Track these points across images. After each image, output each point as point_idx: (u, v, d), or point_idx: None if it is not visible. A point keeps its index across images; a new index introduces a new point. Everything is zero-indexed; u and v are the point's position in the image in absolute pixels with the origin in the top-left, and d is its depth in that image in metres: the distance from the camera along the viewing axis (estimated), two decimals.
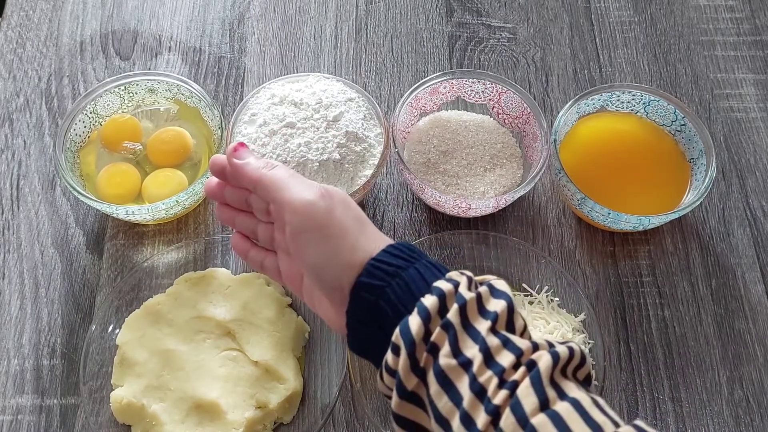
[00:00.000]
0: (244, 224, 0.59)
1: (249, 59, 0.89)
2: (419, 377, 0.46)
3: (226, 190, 0.58)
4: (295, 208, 0.50)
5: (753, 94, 0.88)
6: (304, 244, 0.50)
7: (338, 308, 0.51)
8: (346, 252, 0.50)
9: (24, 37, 0.90)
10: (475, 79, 0.80)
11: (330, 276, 0.50)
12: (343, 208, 0.51)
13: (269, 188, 0.52)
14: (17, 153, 0.82)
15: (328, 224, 0.50)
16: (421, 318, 0.46)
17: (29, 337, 0.73)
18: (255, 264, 0.59)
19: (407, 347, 0.45)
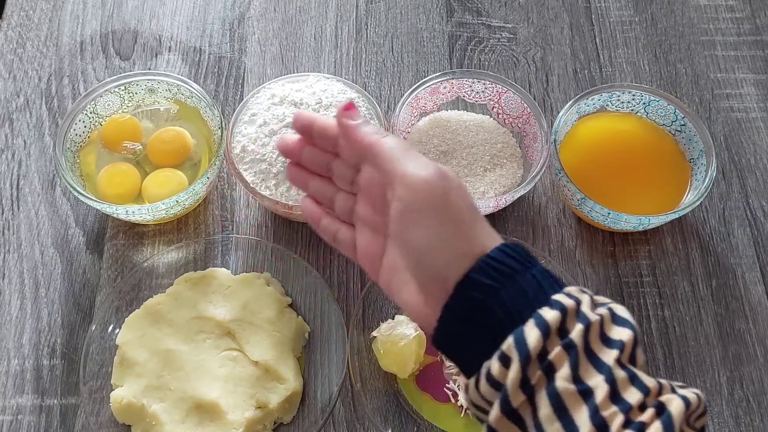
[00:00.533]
0: (320, 190, 0.54)
1: (249, 59, 0.89)
2: (527, 396, 0.42)
3: (306, 149, 0.54)
4: (410, 183, 0.46)
5: (753, 94, 0.88)
6: (413, 224, 0.46)
7: (431, 298, 0.46)
8: (460, 241, 0.45)
9: (24, 37, 0.90)
10: (475, 79, 0.80)
11: (436, 263, 0.45)
12: (460, 194, 0.46)
13: (382, 156, 0.47)
14: (17, 153, 0.82)
15: (444, 207, 0.45)
16: (540, 331, 0.42)
17: (29, 337, 0.73)
18: (327, 234, 0.54)
19: (521, 360, 0.41)
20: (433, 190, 0.46)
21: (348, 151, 0.51)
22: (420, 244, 0.46)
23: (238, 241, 0.76)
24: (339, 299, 0.75)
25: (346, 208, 0.53)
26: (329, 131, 0.52)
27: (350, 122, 0.49)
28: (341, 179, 0.53)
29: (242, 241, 0.76)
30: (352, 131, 0.49)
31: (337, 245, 0.54)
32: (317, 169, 0.54)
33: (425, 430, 0.68)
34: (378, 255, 0.50)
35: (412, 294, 0.47)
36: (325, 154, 0.53)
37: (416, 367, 0.70)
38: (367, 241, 0.51)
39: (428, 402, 0.69)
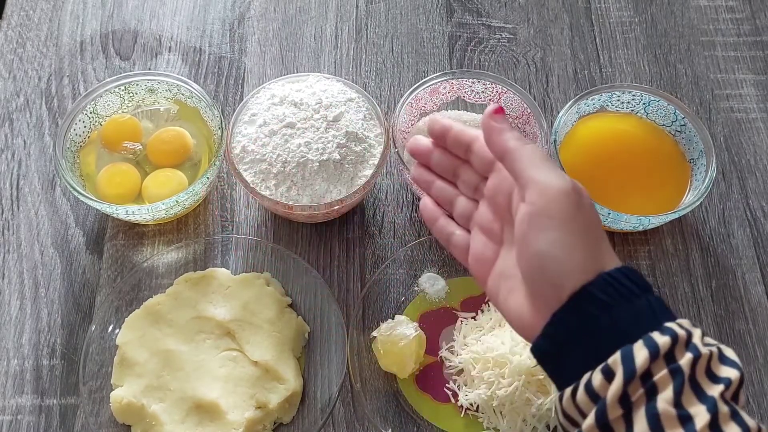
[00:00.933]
0: (443, 192, 0.57)
1: (249, 59, 0.89)
2: (624, 411, 0.43)
3: (436, 152, 0.57)
4: (544, 189, 0.47)
5: (753, 95, 0.88)
6: (540, 229, 0.47)
7: (540, 306, 0.47)
8: (583, 254, 0.46)
9: (24, 37, 0.90)
10: (475, 80, 0.80)
11: (555, 271, 0.46)
12: (590, 211, 0.48)
13: (521, 161, 0.49)
14: (17, 153, 0.82)
15: (572, 219, 0.47)
16: (649, 352, 0.43)
17: (29, 337, 0.73)
18: (441, 235, 0.57)
19: (625, 375, 0.43)
20: (567, 200, 0.47)
21: (479, 159, 0.54)
22: (543, 249, 0.47)
23: (238, 241, 0.76)
24: (339, 299, 0.75)
25: (466, 213, 0.56)
26: (463, 138, 0.55)
27: (497, 125, 0.51)
28: (466, 185, 0.56)
29: (242, 241, 0.76)
30: (497, 133, 0.51)
31: (450, 247, 0.57)
32: (443, 173, 0.58)
33: (425, 430, 0.68)
34: (490, 260, 0.53)
35: (519, 300, 0.49)
36: (454, 159, 0.57)
37: (416, 367, 0.70)
38: (482, 246, 0.54)
39: (428, 402, 0.69)
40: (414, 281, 0.75)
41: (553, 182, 0.48)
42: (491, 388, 0.67)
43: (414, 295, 0.75)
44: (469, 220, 0.56)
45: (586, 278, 0.46)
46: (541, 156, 0.49)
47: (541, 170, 0.48)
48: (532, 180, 0.48)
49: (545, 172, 0.48)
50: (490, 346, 0.68)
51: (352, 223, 0.79)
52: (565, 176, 0.48)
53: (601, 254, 0.47)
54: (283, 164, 0.71)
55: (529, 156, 0.49)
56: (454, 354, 0.71)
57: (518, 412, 0.66)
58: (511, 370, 0.66)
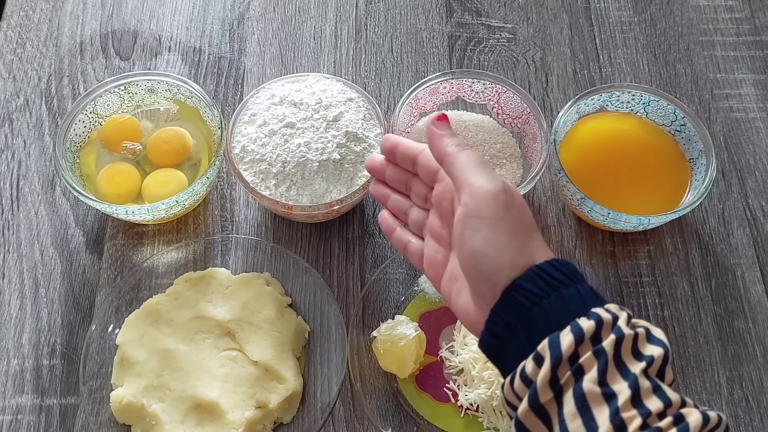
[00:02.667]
0: (398, 204, 0.61)
1: (249, 59, 0.89)
2: (555, 394, 0.46)
3: (390, 168, 0.61)
4: (476, 192, 0.50)
5: (753, 94, 0.88)
6: (473, 229, 0.50)
7: (481, 303, 0.50)
8: (512, 250, 0.49)
9: (24, 37, 0.90)
10: (475, 79, 0.80)
11: (489, 267, 0.49)
12: (520, 210, 0.51)
13: (456, 165, 0.52)
14: (17, 153, 0.82)
15: (502, 218, 0.50)
16: (574, 336, 0.45)
17: (29, 337, 0.73)
18: (398, 244, 0.61)
19: (552, 360, 0.45)
20: (496, 201, 0.50)
21: (424, 170, 0.58)
22: (476, 248, 0.50)
23: (238, 241, 0.76)
24: (339, 299, 0.75)
25: (419, 222, 0.59)
26: (409, 152, 0.58)
27: (438, 131, 0.55)
28: (417, 195, 0.60)
29: (242, 241, 0.76)
30: (438, 139, 0.54)
31: (407, 254, 0.60)
32: (397, 186, 0.61)
33: (425, 430, 0.68)
34: (442, 264, 0.56)
35: (466, 300, 0.52)
36: (405, 173, 0.60)
37: (416, 367, 0.70)
38: (434, 251, 0.57)
39: (428, 402, 0.70)
40: (414, 281, 0.75)
41: (484, 185, 0.50)
42: (491, 388, 0.67)
43: (414, 295, 0.75)
44: (422, 229, 0.59)
45: (516, 273, 0.49)
46: (477, 161, 0.52)
47: (475, 174, 0.51)
48: (466, 183, 0.51)
49: (478, 175, 0.51)
50: None
51: (352, 223, 0.79)
52: (497, 178, 0.51)
53: (531, 250, 0.50)
54: (282, 164, 0.71)
55: (464, 161, 0.52)
56: (454, 354, 0.71)
57: None
58: None
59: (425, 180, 0.58)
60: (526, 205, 0.52)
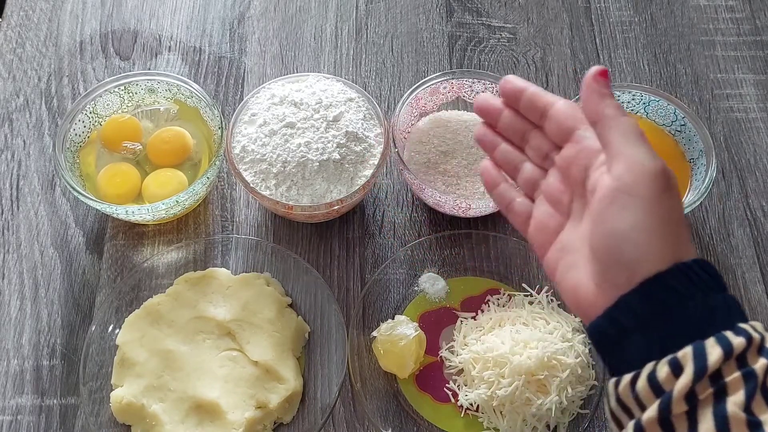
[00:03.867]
0: (508, 155, 0.54)
1: (249, 59, 0.89)
2: (689, 407, 0.42)
3: (507, 113, 0.54)
4: (634, 165, 0.45)
5: (753, 94, 0.88)
6: (622, 207, 0.45)
7: (605, 286, 0.45)
8: (661, 240, 0.44)
9: (24, 37, 0.90)
10: (475, 79, 0.80)
11: (632, 254, 0.44)
12: (676, 197, 0.46)
13: (615, 131, 0.47)
14: (17, 153, 0.82)
15: (659, 203, 0.44)
16: (723, 350, 0.41)
17: (29, 337, 0.73)
18: (501, 200, 0.55)
19: (696, 372, 0.41)
20: (654, 182, 0.45)
21: (555, 126, 0.51)
22: (620, 228, 0.45)
23: (238, 241, 0.76)
24: (339, 299, 0.75)
25: (531, 180, 0.53)
26: (539, 102, 0.51)
27: (598, 87, 0.48)
28: (535, 151, 0.53)
29: (242, 241, 0.76)
30: (598, 97, 0.48)
31: (510, 214, 0.54)
32: (511, 136, 0.54)
33: (425, 430, 0.68)
34: (553, 232, 0.51)
35: (581, 277, 0.47)
36: (524, 123, 0.53)
37: (416, 367, 0.70)
38: (546, 216, 0.51)
39: (428, 402, 0.69)
40: (414, 281, 0.75)
41: (645, 160, 0.45)
42: (491, 388, 0.67)
43: (414, 295, 0.75)
44: (533, 187, 0.53)
45: (661, 266, 0.44)
46: (637, 131, 0.47)
47: (635, 146, 0.46)
48: (623, 154, 0.46)
49: (638, 148, 0.46)
50: (490, 346, 0.68)
51: (352, 223, 0.79)
52: (657, 157, 0.46)
53: (679, 244, 0.45)
54: (283, 164, 0.71)
55: (624, 128, 0.47)
56: (454, 354, 0.71)
57: (518, 412, 0.66)
58: (511, 370, 0.66)
59: (553, 137, 0.51)
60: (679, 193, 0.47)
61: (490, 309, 0.73)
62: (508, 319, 0.71)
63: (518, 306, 0.73)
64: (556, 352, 0.66)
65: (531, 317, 0.71)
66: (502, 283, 0.75)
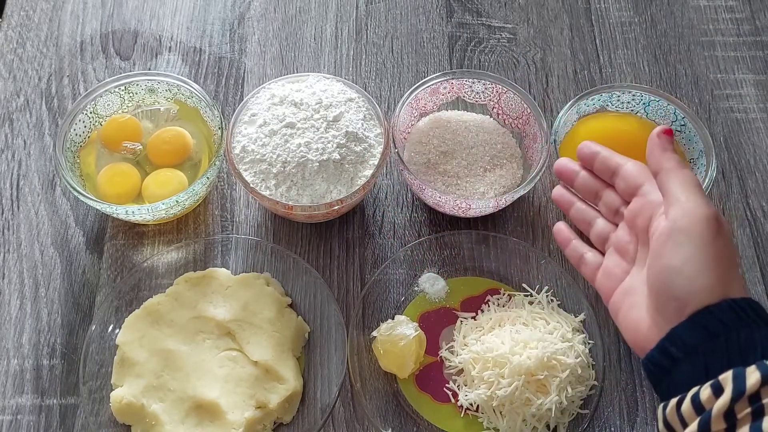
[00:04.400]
0: (583, 213, 0.61)
1: (249, 59, 0.89)
2: (727, 425, 0.45)
3: (582, 174, 0.61)
4: (689, 211, 0.51)
5: (753, 95, 0.88)
6: (677, 245, 0.50)
7: (660, 321, 0.50)
8: (711, 277, 0.49)
9: (24, 37, 0.90)
10: (475, 80, 0.80)
11: (683, 287, 0.49)
12: (727, 242, 0.51)
13: (674, 181, 0.53)
14: (17, 153, 0.82)
15: (709, 243, 0.50)
16: (761, 375, 0.45)
17: (29, 337, 0.73)
18: (573, 255, 0.61)
19: (734, 392, 0.45)
20: (708, 226, 0.50)
21: (624, 183, 0.58)
22: (674, 264, 0.50)
23: (238, 241, 0.76)
24: (339, 299, 0.75)
25: (603, 234, 0.60)
26: (611, 162, 0.59)
27: (662, 143, 0.55)
28: (607, 207, 0.60)
29: (242, 241, 0.76)
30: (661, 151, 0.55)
31: (581, 266, 0.61)
32: (585, 195, 0.61)
33: (425, 430, 0.68)
34: (619, 278, 0.56)
35: (640, 314, 0.53)
36: (598, 183, 0.60)
37: (416, 367, 0.70)
38: (613, 264, 0.57)
39: (428, 402, 0.69)
40: (414, 281, 0.75)
41: (699, 207, 0.51)
42: (491, 388, 0.67)
43: (414, 295, 0.75)
44: (604, 240, 0.59)
45: (710, 300, 0.49)
46: (695, 182, 0.53)
47: (692, 194, 0.52)
48: (680, 200, 0.51)
49: (694, 196, 0.51)
50: (490, 346, 0.68)
51: (352, 223, 0.79)
52: (711, 205, 0.52)
53: (729, 282, 0.49)
54: (283, 164, 0.71)
55: (683, 179, 0.53)
56: (454, 354, 0.71)
57: (518, 412, 0.66)
58: (511, 370, 0.66)
59: (623, 194, 0.58)
60: (732, 240, 0.53)
61: (490, 309, 0.73)
62: (508, 319, 0.71)
63: (518, 306, 0.73)
64: (556, 352, 0.66)
65: (531, 317, 0.71)
66: (502, 283, 0.75)
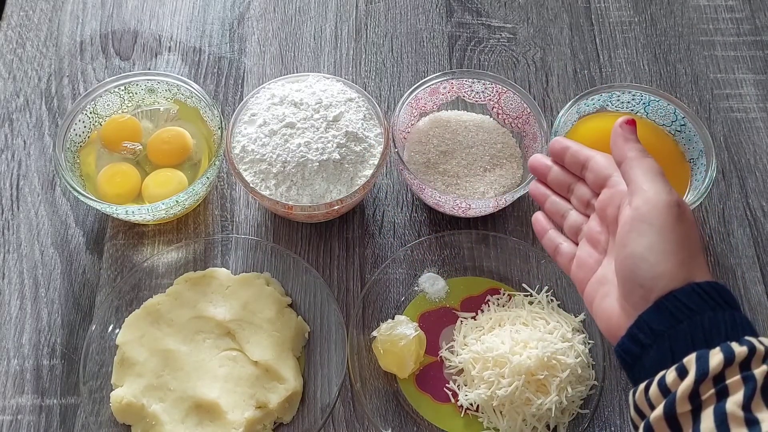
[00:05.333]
0: (556, 206, 0.62)
1: (249, 59, 0.89)
2: (693, 408, 0.46)
3: (554, 170, 0.62)
4: (651, 198, 0.51)
5: (753, 94, 0.88)
6: (639, 233, 0.51)
7: (628, 308, 0.51)
8: (674, 262, 0.50)
9: (24, 37, 0.90)
10: (475, 79, 0.80)
11: (647, 273, 0.50)
12: (690, 227, 0.51)
13: (636, 170, 0.53)
14: (17, 153, 0.82)
15: (671, 230, 0.50)
16: (724, 357, 0.45)
17: (29, 337, 0.73)
18: (549, 245, 0.62)
19: (697, 374, 0.45)
20: (669, 212, 0.50)
21: (593, 175, 0.58)
22: (638, 251, 0.50)
23: (238, 241, 0.76)
24: (339, 299, 0.75)
25: (576, 225, 0.60)
26: (580, 156, 0.59)
27: (625, 133, 0.56)
28: (578, 199, 0.60)
29: (242, 241, 0.76)
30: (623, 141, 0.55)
31: (556, 256, 0.61)
32: (558, 188, 0.62)
33: (425, 430, 0.68)
34: (592, 269, 0.57)
35: (612, 303, 0.53)
36: (569, 176, 0.61)
37: (416, 367, 0.70)
38: (586, 255, 0.58)
39: (428, 402, 0.69)
40: (414, 281, 0.75)
41: (660, 194, 0.51)
42: (491, 388, 0.67)
43: (414, 295, 0.75)
44: (577, 232, 0.60)
45: (674, 285, 0.49)
46: (656, 170, 0.53)
47: (654, 182, 0.52)
48: (642, 188, 0.52)
49: (656, 184, 0.52)
50: (490, 346, 0.68)
51: (352, 223, 0.79)
52: (673, 191, 0.52)
53: (693, 267, 0.50)
54: (283, 164, 0.71)
55: (645, 167, 0.53)
56: (454, 354, 0.71)
57: (518, 412, 0.66)
58: (511, 370, 0.66)
59: (592, 185, 0.59)
60: (696, 224, 0.52)
61: (490, 309, 0.73)
62: (508, 319, 0.71)
63: (518, 306, 0.73)
64: (556, 352, 0.66)
65: (531, 317, 0.71)
66: (502, 283, 0.75)
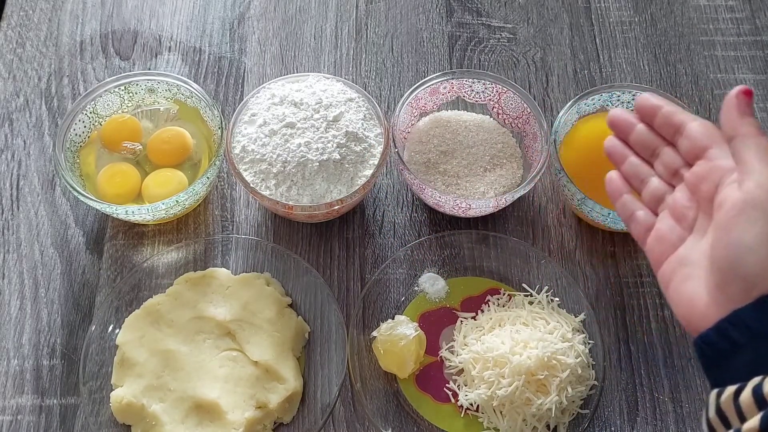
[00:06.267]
0: (635, 168, 0.56)
1: (249, 59, 0.89)
2: None
3: (640, 128, 0.56)
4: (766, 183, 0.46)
5: (753, 95, 0.87)
6: (749, 220, 0.45)
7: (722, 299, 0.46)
8: None
9: (24, 36, 0.90)
10: (475, 79, 0.80)
11: (753, 267, 0.44)
12: None
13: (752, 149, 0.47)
14: (17, 153, 0.82)
15: None
16: None
17: (29, 337, 0.73)
18: (624, 210, 0.56)
19: None
20: None
21: (689, 143, 0.52)
22: (744, 240, 0.45)
23: (238, 241, 0.76)
24: (339, 299, 0.75)
25: (657, 194, 0.54)
26: (675, 119, 0.53)
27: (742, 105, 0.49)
28: (665, 166, 0.54)
29: (242, 241, 0.76)
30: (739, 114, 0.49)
31: (631, 223, 0.56)
32: (640, 150, 0.56)
33: (425, 430, 0.68)
34: (673, 245, 0.51)
35: (695, 289, 0.48)
36: (657, 139, 0.55)
37: (416, 367, 0.70)
38: (667, 229, 0.52)
39: (428, 402, 0.69)
40: (414, 281, 0.75)
41: None
42: (491, 388, 0.67)
43: (414, 295, 0.75)
44: (657, 202, 0.55)
45: None
46: None
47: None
48: (757, 171, 0.46)
49: None
50: (490, 346, 0.68)
51: (352, 223, 0.79)
52: None
53: None
54: (283, 164, 0.71)
55: (761, 147, 0.47)
56: (454, 354, 0.71)
57: (518, 412, 0.66)
58: (511, 370, 0.66)
59: (686, 154, 0.52)
60: None
61: (490, 309, 0.73)
62: (508, 319, 0.71)
63: (518, 306, 0.73)
64: (556, 352, 0.66)
65: (531, 317, 0.71)
66: (502, 283, 0.75)
